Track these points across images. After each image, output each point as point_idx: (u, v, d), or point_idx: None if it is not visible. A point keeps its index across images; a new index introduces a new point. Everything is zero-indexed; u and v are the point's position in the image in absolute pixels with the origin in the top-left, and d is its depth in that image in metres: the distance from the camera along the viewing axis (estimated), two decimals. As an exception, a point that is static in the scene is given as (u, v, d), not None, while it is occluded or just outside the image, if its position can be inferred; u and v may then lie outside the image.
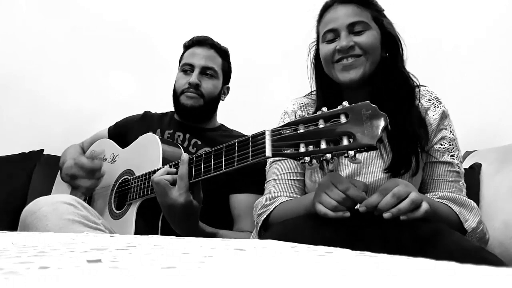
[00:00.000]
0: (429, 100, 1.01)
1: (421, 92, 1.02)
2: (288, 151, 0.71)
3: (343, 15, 0.96)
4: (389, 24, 1.00)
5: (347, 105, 0.67)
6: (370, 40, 0.94)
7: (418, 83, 1.01)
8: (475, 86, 1.83)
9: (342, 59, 0.95)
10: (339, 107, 0.68)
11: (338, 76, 0.97)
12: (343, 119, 0.67)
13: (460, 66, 1.86)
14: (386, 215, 0.76)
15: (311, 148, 0.69)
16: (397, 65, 0.98)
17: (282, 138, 0.73)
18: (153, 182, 0.96)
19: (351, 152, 0.64)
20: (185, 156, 0.93)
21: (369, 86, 0.99)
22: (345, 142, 0.65)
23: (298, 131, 0.71)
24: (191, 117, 1.35)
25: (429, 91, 1.03)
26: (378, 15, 0.99)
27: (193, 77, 1.31)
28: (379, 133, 0.63)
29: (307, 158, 0.69)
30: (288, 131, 0.73)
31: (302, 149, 0.69)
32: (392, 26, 1.00)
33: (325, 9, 1.01)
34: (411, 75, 1.00)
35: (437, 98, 1.02)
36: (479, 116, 1.80)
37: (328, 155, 0.67)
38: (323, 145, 0.67)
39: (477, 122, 1.78)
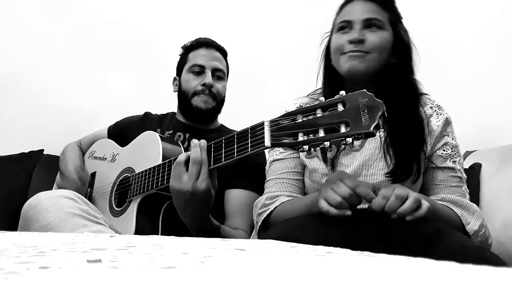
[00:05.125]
0: (431, 108, 1.03)
1: (423, 100, 1.04)
2: (287, 140, 0.72)
3: (362, 9, 0.98)
4: (404, 31, 1.02)
5: (344, 94, 0.68)
6: (381, 40, 0.96)
7: (422, 92, 1.03)
8: (475, 86, 1.83)
9: (351, 52, 0.96)
10: (336, 97, 0.69)
11: (342, 65, 0.98)
12: (340, 107, 0.68)
13: (460, 66, 1.86)
14: (393, 216, 0.78)
15: (309, 137, 0.69)
16: (405, 72, 0.99)
17: (281, 128, 0.74)
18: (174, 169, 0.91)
19: (349, 139, 0.65)
20: (203, 142, 0.91)
21: (372, 87, 0.99)
22: (342, 129, 0.66)
23: (297, 121, 0.72)
24: (201, 118, 1.35)
25: (431, 100, 1.05)
26: (395, 20, 1.00)
27: (208, 79, 1.31)
28: (376, 120, 0.64)
29: (305, 147, 0.70)
30: (286, 121, 0.73)
31: (300, 138, 0.70)
32: (407, 34, 1.02)
33: (345, 3, 1.04)
34: (417, 84, 1.02)
35: (439, 106, 1.04)
36: (479, 116, 1.80)
37: (327, 143, 0.68)
38: (321, 134, 0.68)
39: (477, 122, 1.78)
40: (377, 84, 0.99)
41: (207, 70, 1.33)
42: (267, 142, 0.75)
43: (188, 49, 1.40)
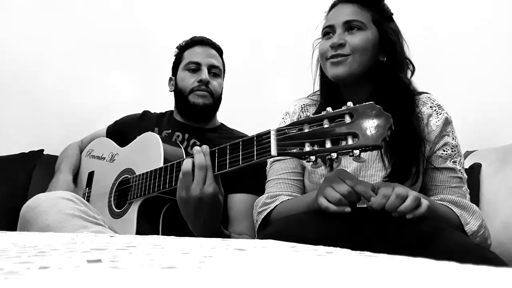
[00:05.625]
0: (431, 107, 1.01)
1: (422, 99, 1.03)
2: (294, 150, 0.72)
3: (342, 13, 0.99)
4: (392, 30, 1.00)
5: (352, 105, 0.68)
6: (362, 41, 0.96)
7: (417, 91, 1.02)
8: (475, 85, 1.83)
9: (333, 57, 0.97)
10: (344, 108, 0.69)
11: (327, 72, 0.99)
12: (347, 119, 0.68)
13: (461, 65, 1.86)
14: (394, 214, 0.78)
15: (316, 147, 0.70)
16: (393, 71, 0.98)
17: (287, 137, 0.74)
18: (182, 175, 0.89)
19: (356, 151, 0.66)
20: (205, 148, 0.90)
21: (365, 87, 1.00)
22: (350, 141, 0.66)
23: (303, 131, 0.72)
24: (199, 116, 1.34)
25: (431, 99, 1.03)
26: (380, 18, 0.99)
27: (204, 74, 1.30)
28: (384, 133, 0.64)
29: (312, 157, 0.70)
30: (293, 131, 0.73)
31: (307, 148, 0.70)
32: (395, 31, 1.01)
33: (330, 8, 1.05)
34: (411, 83, 1.00)
35: (439, 105, 1.02)
36: (479, 116, 1.80)
37: (334, 154, 0.68)
38: (328, 145, 0.68)
39: (477, 122, 1.78)
40: (371, 83, 0.99)
41: (203, 67, 1.32)
42: (273, 151, 0.75)
43: (183, 48, 1.39)
